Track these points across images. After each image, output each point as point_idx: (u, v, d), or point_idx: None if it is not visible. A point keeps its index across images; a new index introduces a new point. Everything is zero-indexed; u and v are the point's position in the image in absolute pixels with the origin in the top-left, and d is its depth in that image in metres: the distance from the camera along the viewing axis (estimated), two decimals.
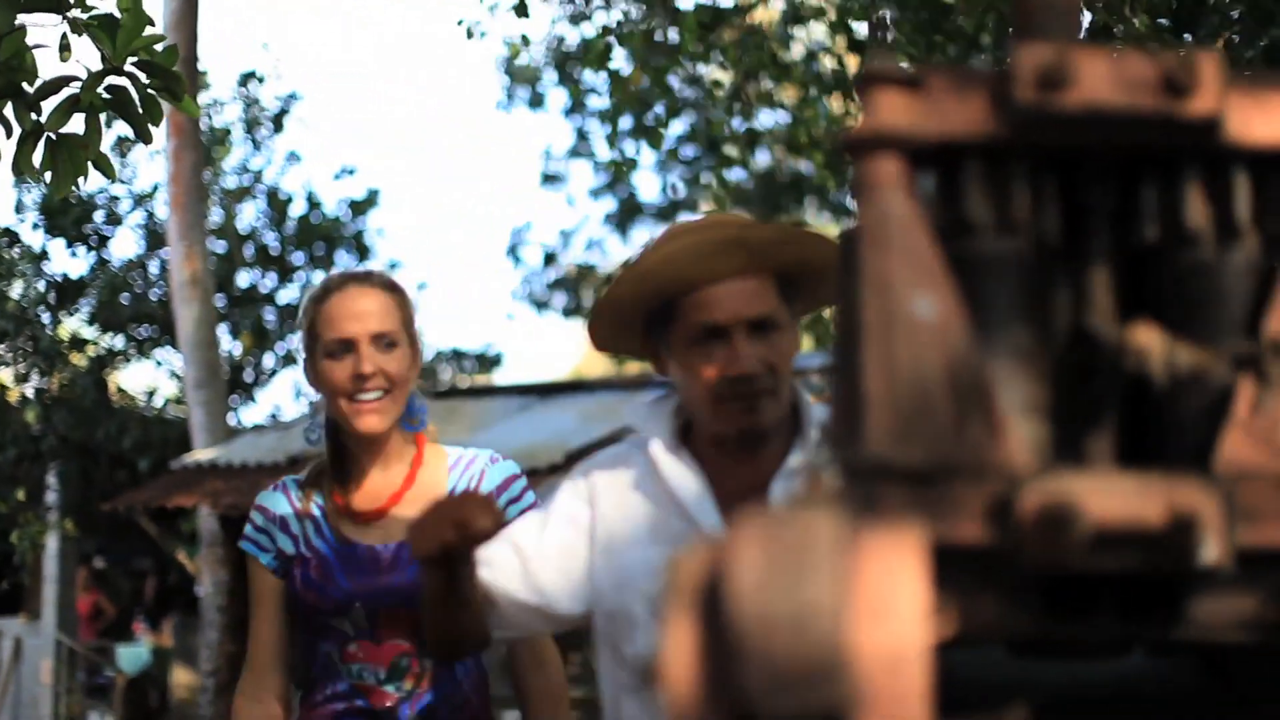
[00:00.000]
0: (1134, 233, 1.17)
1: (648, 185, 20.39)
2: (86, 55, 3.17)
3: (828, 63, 11.56)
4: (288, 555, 2.91)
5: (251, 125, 18.72)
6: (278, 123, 18.85)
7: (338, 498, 2.92)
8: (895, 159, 1.10)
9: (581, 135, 19.69)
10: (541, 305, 23.35)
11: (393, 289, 2.90)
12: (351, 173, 19.93)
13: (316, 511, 2.92)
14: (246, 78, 18.72)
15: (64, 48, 3.14)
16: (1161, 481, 1.05)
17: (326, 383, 2.86)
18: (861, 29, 8.84)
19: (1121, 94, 1.12)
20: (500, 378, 21.05)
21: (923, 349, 1.08)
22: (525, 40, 11.18)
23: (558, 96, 18.95)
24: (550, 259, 22.91)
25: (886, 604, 0.92)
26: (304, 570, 2.86)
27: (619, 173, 14.12)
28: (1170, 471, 1.08)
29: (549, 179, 21.20)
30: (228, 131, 18.53)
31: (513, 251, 23.20)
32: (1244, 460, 1.10)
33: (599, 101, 17.43)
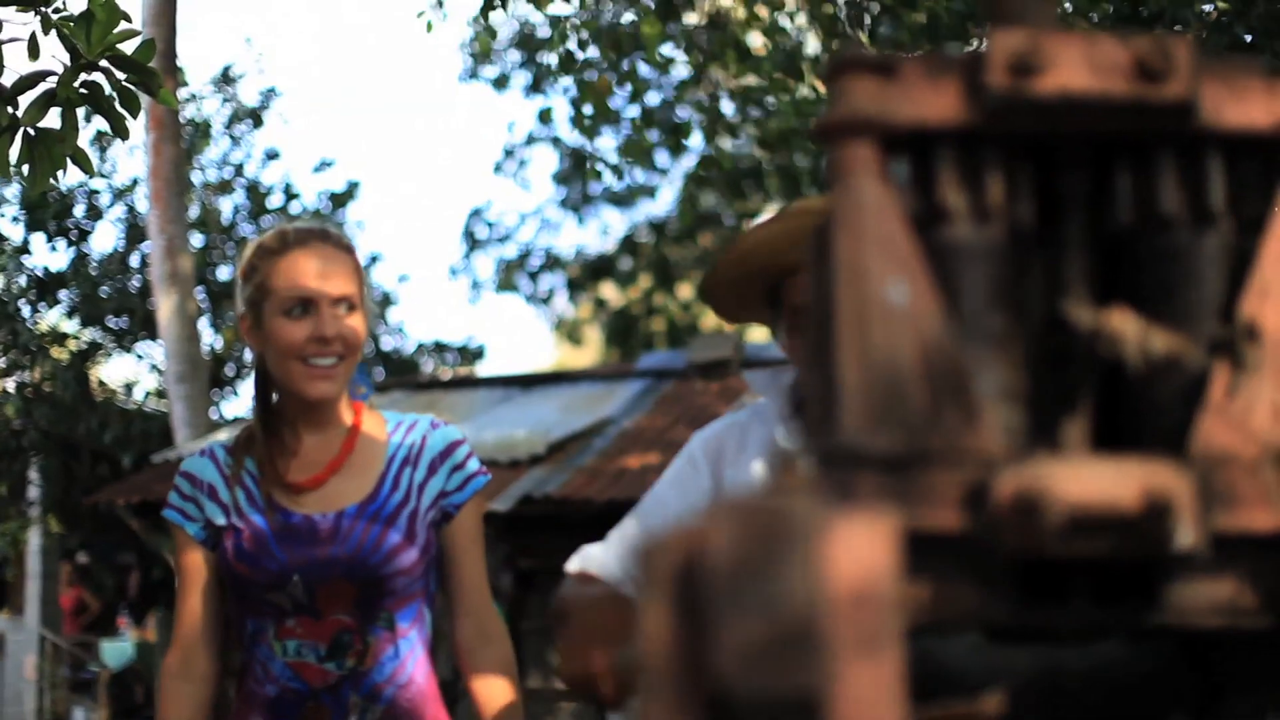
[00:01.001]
0: (1108, 218, 1.17)
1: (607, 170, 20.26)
2: (58, 51, 3.15)
3: (812, 45, 11.58)
4: (217, 525, 2.74)
5: (231, 120, 18.67)
6: (256, 117, 18.81)
7: (271, 464, 2.76)
8: (868, 145, 1.10)
9: (543, 119, 19.60)
10: (499, 290, 23.26)
11: (350, 250, 2.78)
12: (330, 165, 19.87)
13: (247, 479, 2.76)
14: (225, 74, 18.67)
15: (32, 48, 3.11)
16: (1136, 466, 1.05)
17: (279, 342, 2.71)
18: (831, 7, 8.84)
19: (1095, 79, 1.12)
20: (482, 370, 21.03)
21: (897, 336, 1.08)
22: (491, 32, 11.18)
23: (520, 78, 18.74)
24: (503, 241, 22.83)
25: (861, 590, 0.92)
26: (236, 541, 2.71)
27: (580, 164, 14.14)
28: (1145, 456, 1.08)
29: (500, 166, 21.07)
30: (208, 125, 18.49)
31: (469, 236, 23.06)
32: (1219, 444, 1.10)
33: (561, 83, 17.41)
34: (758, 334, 21.39)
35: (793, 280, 2.51)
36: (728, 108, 15.77)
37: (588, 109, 12.54)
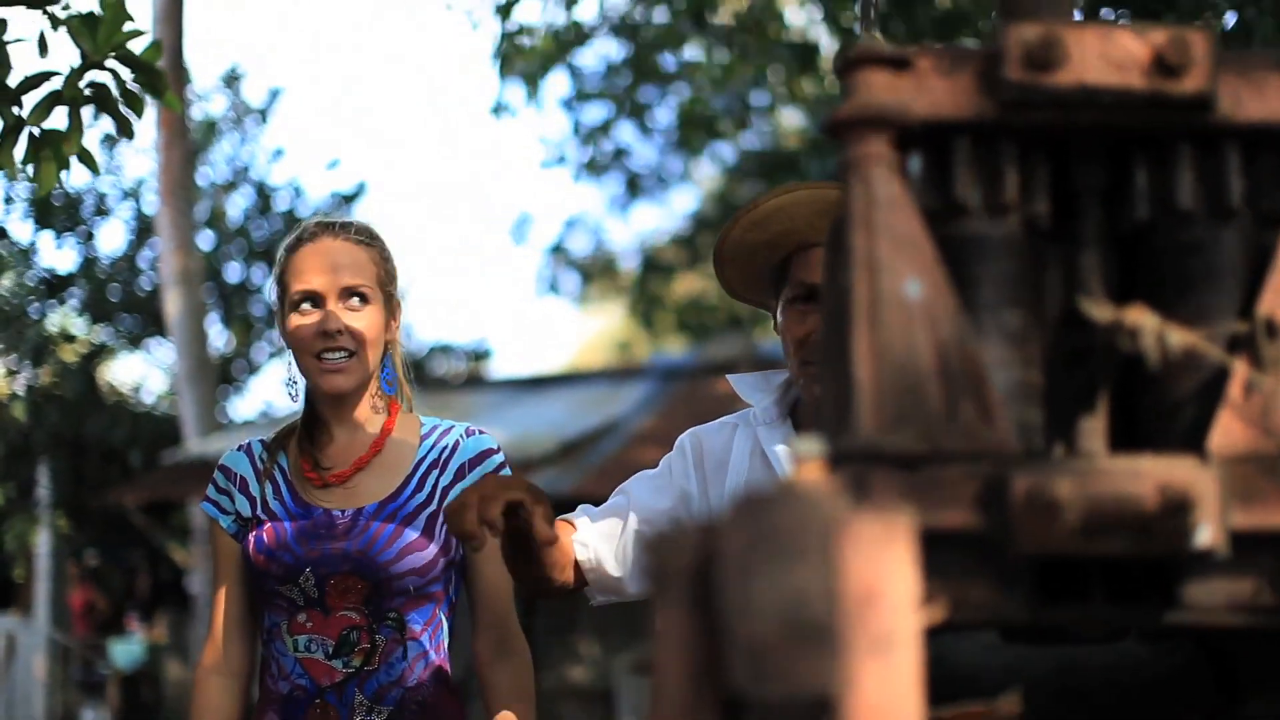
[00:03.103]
0: (1126, 213, 1.16)
1: (642, 166, 20.18)
2: (65, 50, 3.14)
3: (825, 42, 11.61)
4: (245, 517, 2.77)
5: (238, 120, 18.68)
6: (263, 117, 18.83)
7: (303, 460, 2.78)
8: (883, 139, 1.09)
9: (576, 126, 19.56)
10: (551, 290, 23.16)
11: (370, 240, 2.76)
12: (338, 164, 19.85)
13: (278, 473, 2.79)
14: (231, 75, 18.69)
15: (42, 45, 3.09)
16: (1155, 464, 1.04)
17: (292, 338, 2.73)
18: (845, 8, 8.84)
19: (1112, 73, 1.10)
20: (494, 369, 21.00)
21: (913, 333, 1.07)
22: (523, 30, 11.17)
23: (552, 85, 18.63)
24: (558, 249, 22.75)
25: (877, 590, 0.91)
26: (257, 533, 2.72)
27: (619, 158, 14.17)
28: (1163, 454, 1.07)
29: (559, 160, 20.98)
30: (215, 124, 18.49)
31: (518, 238, 23.05)
32: (1237, 442, 1.09)
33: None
34: (770, 333, 21.27)
35: (804, 254, 2.47)
36: (760, 100, 15.83)
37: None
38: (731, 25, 11.02)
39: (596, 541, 2.51)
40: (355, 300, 2.71)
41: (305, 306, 2.71)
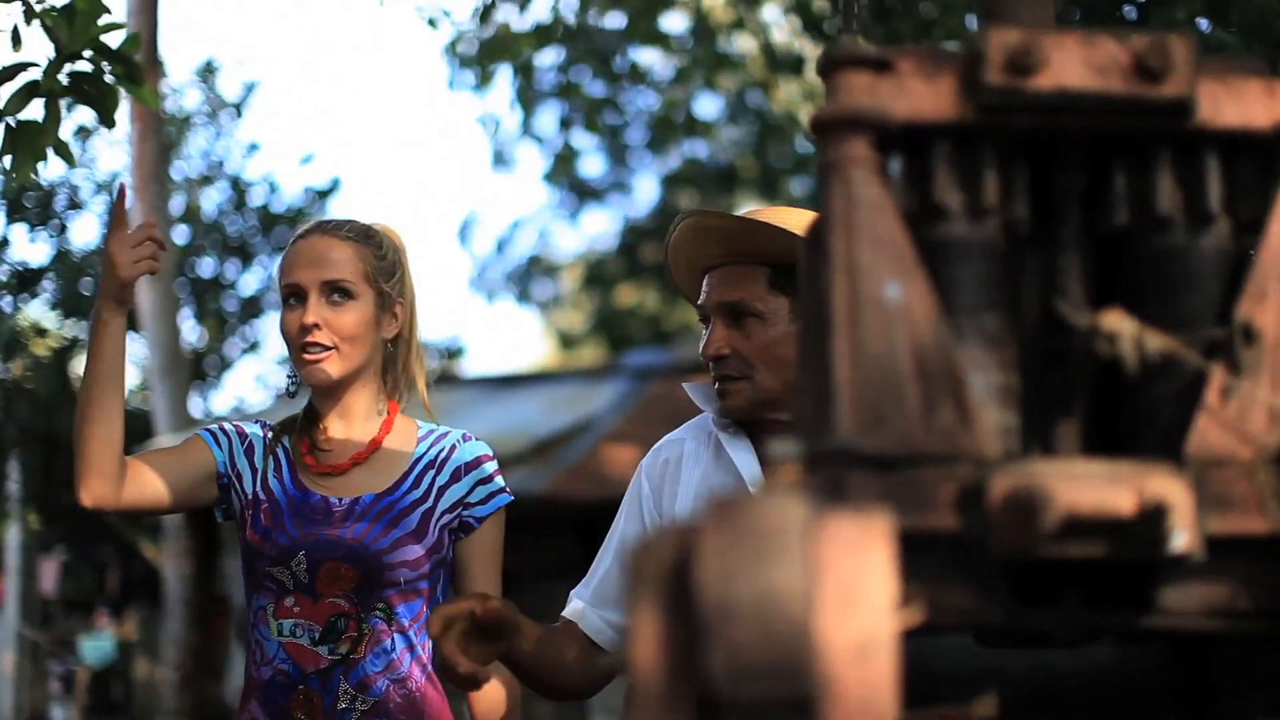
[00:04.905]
0: (1105, 218, 1.16)
1: (593, 170, 20.23)
2: (42, 42, 3.13)
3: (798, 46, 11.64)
4: (241, 483, 2.80)
5: (213, 114, 18.61)
6: (239, 111, 18.77)
7: (304, 448, 2.82)
8: (863, 141, 1.09)
9: (526, 121, 19.52)
10: (493, 293, 23.14)
11: (365, 239, 2.78)
12: (312, 159, 19.78)
13: (281, 454, 2.83)
14: (206, 68, 18.62)
15: (15, 39, 3.09)
16: (1132, 469, 1.04)
17: (281, 331, 2.78)
18: (818, 8, 8.84)
19: (1093, 78, 1.11)
20: (467, 367, 20.98)
21: (892, 335, 1.07)
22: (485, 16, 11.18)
23: (503, 80, 18.52)
24: (501, 247, 22.71)
25: (854, 592, 0.91)
26: (255, 513, 2.75)
27: (565, 163, 14.21)
28: (1141, 459, 1.07)
29: (500, 160, 20.91)
30: (189, 118, 18.42)
31: (463, 239, 22.98)
32: (1214, 447, 1.09)
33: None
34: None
35: (708, 276, 2.54)
36: (709, 108, 15.88)
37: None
38: (694, 19, 11.08)
39: (592, 608, 2.62)
40: (337, 296, 2.75)
41: (292, 301, 2.76)
